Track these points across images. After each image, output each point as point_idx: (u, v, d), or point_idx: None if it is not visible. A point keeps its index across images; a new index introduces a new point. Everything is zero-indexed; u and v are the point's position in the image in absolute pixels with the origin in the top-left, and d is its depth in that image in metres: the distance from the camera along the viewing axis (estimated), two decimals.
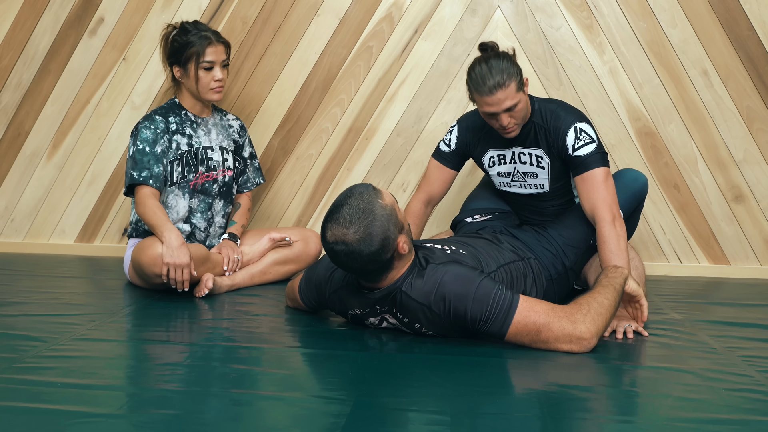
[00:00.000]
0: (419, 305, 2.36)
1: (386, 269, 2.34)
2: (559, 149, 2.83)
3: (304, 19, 3.73)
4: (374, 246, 2.25)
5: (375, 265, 2.31)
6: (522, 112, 2.79)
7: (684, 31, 3.55)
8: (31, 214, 3.94)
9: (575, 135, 2.79)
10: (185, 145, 3.21)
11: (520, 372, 2.18)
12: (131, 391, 1.98)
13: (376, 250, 2.26)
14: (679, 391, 2.01)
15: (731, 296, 3.22)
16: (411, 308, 2.38)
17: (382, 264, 2.31)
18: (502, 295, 2.30)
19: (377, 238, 2.25)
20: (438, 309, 2.34)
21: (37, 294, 3.00)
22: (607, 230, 2.69)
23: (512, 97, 2.72)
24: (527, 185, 2.98)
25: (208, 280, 3.01)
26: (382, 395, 1.97)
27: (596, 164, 2.77)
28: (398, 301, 2.39)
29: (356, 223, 2.26)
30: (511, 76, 2.71)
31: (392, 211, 2.31)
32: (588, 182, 2.77)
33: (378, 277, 2.36)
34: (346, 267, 2.34)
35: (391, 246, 2.29)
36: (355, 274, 2.40)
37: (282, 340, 2.49)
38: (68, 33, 3.83)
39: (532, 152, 2.91)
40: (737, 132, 3.57)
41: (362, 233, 2.25)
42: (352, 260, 2.28)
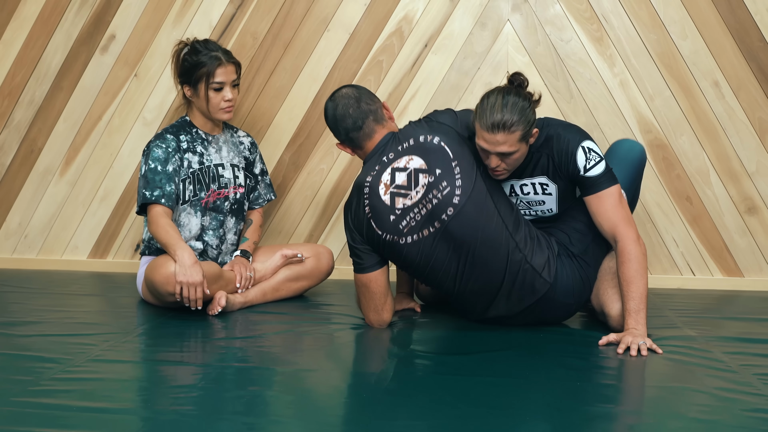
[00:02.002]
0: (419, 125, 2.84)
1: (380, 116, 2.84)
2: (570, 172, 2.77)
3: (315, 34, 3.74)
4: (362, 90, 2.85)
5: (368, 106, 2.82)
6: (516, 162, 2.71)
7: (695, 43, 3.55)
8: (44, 230, 3.96)
9: (585, 156, 2.74)
10: (196, 163, 3.22)
11: (533, 392, 2.18)
12: (145, 415, 1.98)
13: (366, 92, 2.85)
14: (694, 412, 2.00)
15: (745, 310, 3.21)
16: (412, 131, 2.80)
17: (375, 108, 2.83)
18: None
19: (363, 90, 2.87)
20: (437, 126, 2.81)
21: (52, 313, 3.01)
22: (632, 247, 2.67)
23: (512, 144, 2.63)
24: (533, 211, 2.93)
25: (221, 298, 3.01)
26: (398, 417, 1.97)
27: (609, 183, 2.74)
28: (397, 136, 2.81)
29: (345, 86, 2.90)
30: (521, 124, 2.61)
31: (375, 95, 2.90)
32: (605, 202, 2.74)
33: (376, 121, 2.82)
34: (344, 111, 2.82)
35: (377, 101, 2.85)
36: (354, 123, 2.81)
37: (296, 361, 2.49)
38: (80, 50, 3.85)
39: (534, 181, 2.85)
40: (749, 143, 3.56)
41: (349, 88, 2.88)
42: (348, 100, 2.82)
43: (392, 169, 2.73)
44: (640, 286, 2.64)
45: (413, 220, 2.68)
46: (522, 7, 3.64)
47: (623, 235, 2.69)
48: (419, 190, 2.68)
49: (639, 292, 2.63)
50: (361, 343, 2.61)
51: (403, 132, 2.83)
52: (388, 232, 2.70)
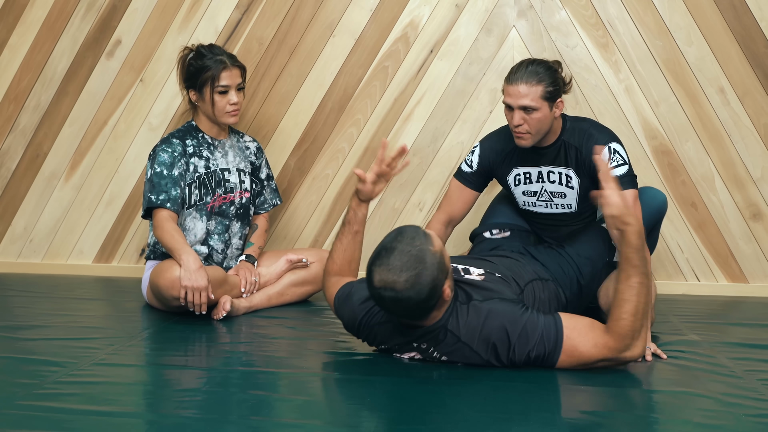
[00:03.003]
0: (463, 344, 2.35)
1: (430, 311, 2.31)
2: (592, 169, 2.79)
3: (320, 40, 3.75)
4: (423, 294, 2.21)
5: (420, 311, 2.29)
6: (538, 123, 2.79)
7: (700, 49, 3.55)
8: (49, 234, 3.97)
9: (609, 155, 2.79)
10: (202, 167, 3.22)
11: (540, 398, 2.17)
12: (150, 419, 1.99)
13: (425, 298, 2.22)
14: (699, 417, 2.00)
15: (750, 316, 3.20)
16: (452, 346, 2.36)
17: (427, 309, 2.29)
18: (543, 332, 2.31)
19: (427, 287, 2.21)
20: (481, 349, 2.34)
21: (57, 317, 3.02)
22: None
23: (533, 98, 2.74)
24: (554, 205, 2.98)
25: (226, 303, 3.02)
26: (403, 422, 1.97)
27: (627, 186, 2.75)
28: (440, 339, 2.37)
29: (407, 271, 2.20)
30: (543, 81, 2.76)
31: (441, 259, 2.26)
32: None
33: (421, 317, 2.34)
34: (390, 311, 2.33)
35: (438, 293, 2.26)
36: (397, 316, 2.38)
37: (300, 365, 2.49)
38: (86, 55, 3.86)
39: (561, 171, 2.91)
40: (754, 150, 3.56)
41: (413, 282, 2.20)
42: (398, 306, 2.26)
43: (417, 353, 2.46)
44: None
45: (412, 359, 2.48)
46: (527, 13, 3.64)
47: None
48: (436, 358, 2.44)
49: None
50: (365, 348, 2.61)
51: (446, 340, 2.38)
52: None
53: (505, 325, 2.31)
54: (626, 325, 2.28)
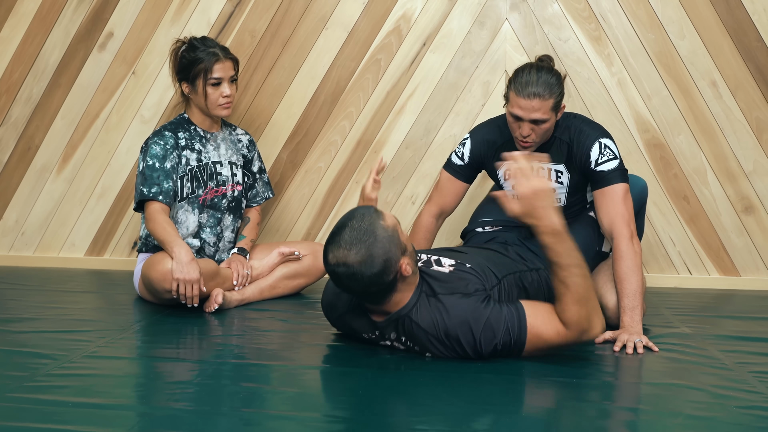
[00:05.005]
0: (426, 335, 2.36)
1: (389, 291, 2.33)
2: (582, 163, 2.85)
3: (313, 33, 3.74)
4: (376, 267, 2.24)
5: (377, 287, 2.29)
6: (545, 132, 2.81)
7: (692, 43, 3.55)
8: (41, 227, 3.96)
9: (599, 150, 2.82)
10: (195, 160, 3.22)
11: (528, 389, 2.18)
12: (142, 411, 1.98)
13: (378, 271, 2.24)
14: (689, 409, 2.00)
15: (742, 309, 3.21)
16: (419, 337, 2.38)
17: (384, 286, 2.30)
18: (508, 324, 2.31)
19: (379, 260, 2.24)
20: (446, 343, 2.35)
21: (48, 309, 3.01)
22: (625, 246, 2.71)
23: (545, 112, 2.74)
24: None
25: (218, 295, 3.01)
26: (393, 414, 1.97)
27: (617, 180, 2.79)
28: (406, 328, 2.39)
29: (357, 244, 2.24)
30: (554, 94, 2.74)
31: (394, 233, 2.29)
32: (608, 197, 2.79)
33: (382, 299, 2.35)
34: (348, 289, 2.34)
35: (393, 268, 2.27)
36: (359, 297, 2.40)
37: (292, 357, 2.49)
38: (78, 47, 3.84)
39: (551, 167, 2.92)
40: (747, 143, 3.56)
41: (363, 255, 2.24)
42: (353, 282, 2.27)
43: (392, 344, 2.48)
44: (633, 283, 2.66)
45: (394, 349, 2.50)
46: (520, 6, 3.64)
47: (618, 233, 2.74)
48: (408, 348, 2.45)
49: (632, 289, 2.66)
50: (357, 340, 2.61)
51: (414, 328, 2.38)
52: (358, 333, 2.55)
53: (468, 320, 2.31)
54: (573, 314, 2.28)
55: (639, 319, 2.63)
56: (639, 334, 2.56)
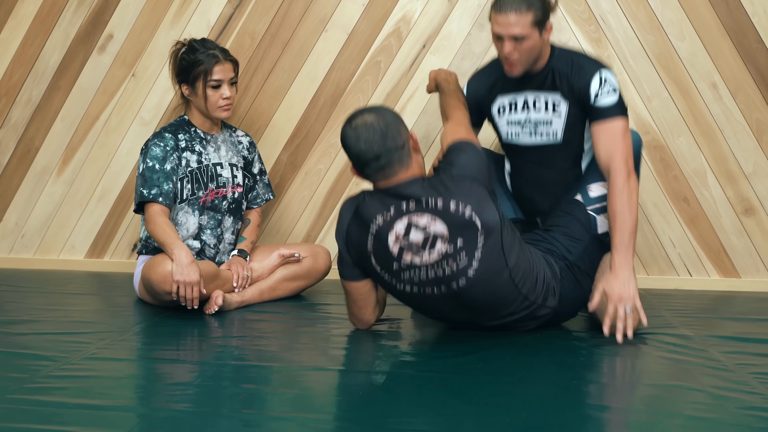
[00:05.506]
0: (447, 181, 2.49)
1: (405, 155, 2.50)
2: (581, 95, 2.81)
3: (313, 35, 3.74)
4: (389, 119, 2.49)
5: (394, 142, 2.47)
6: (529, 51, 2.78)
7: (692, 44, 3.55)
8: (41, 229, 3.95)
9: (600, 83, 2.78)
10: (195, 162, 3.22)
11: (529, 390, 2.18)
12: (142, 412, 1.98)
13: (392, 123, 2.48)
14: (690, 410, 2.00)
15: (742, 311, 3.21)
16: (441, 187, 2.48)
17: (401, 145, 2.48)
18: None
19: (390, 117, 2.50)
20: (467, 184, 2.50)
21: (48, 311, 3.01)
22: (622, 181, 2.68)
23: (523, 26, 2.71)
24: (538, 134, 2.95)
25: (218, 297, 3.01)
26: (393, 415, 1.96)
27: (617, 114, 2.76)
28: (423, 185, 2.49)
29: (371, 111, 2.52)
30: (531, 8, 2.71)
31: (401, 118, 2.55)
32: (607, 132, 2.75)
33: (400, 161, 2.49)
34: (368, 145, 2.46)
35: (404, 133, 2.51)
36: (376, 159, 2.48)
37: (292, 359, 2.49)
38: (78, 49, 3.85)
39: (548, 97, 2.89)
40: (747, 145, 3.56)
41: (375, 114, 2.50)
42: (372, 133, 2.46)
43: (410, 222, 2.47)
44: (628, 220, 2.64)
45: (417, 277, 2.51)
46: None
47: (616, 168, 2.70)
48: (434, 256, 2.47)
49: (628, 227, 2.63)
50: (357, 342, 2.61)
51: (433, 184, 2.50)
52: (387, 272, 2.55)
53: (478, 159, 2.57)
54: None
55: (630, 260, 2.61)
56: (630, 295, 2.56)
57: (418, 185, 2.49)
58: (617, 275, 2.61)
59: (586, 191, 2.84)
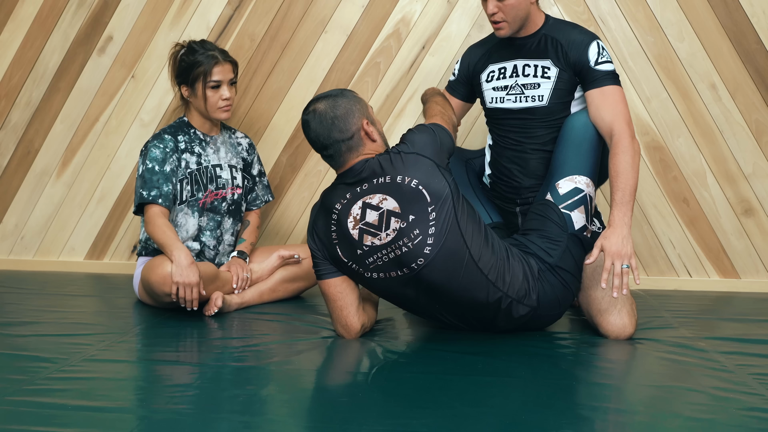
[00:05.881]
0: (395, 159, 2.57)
1: (354, 144, 2.58)
2: (577, 62, 2.86)
3: (312, 36, 3.75)
4: (339, 111, 2.56)
5: (341, 134, 2.56)
6: (513, 9, 2.83)
7: (692, 45, 3.55)
8: (41, 231, 3.96)
9: (598, 50, 2.84)
10: (194, 163, 3.22)
11: (528, 392, 2.18)
12: (141, 414, 1.98)
13: (341, 114, 2.56)
14: (689, 411, 2.00)
15: (742, 311, 3.21)
16: (388, 165, 2.56)
17: (348, 136, 2.57)
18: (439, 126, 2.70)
19: (342, 108, 2.57)
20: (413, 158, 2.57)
21: (48, 313, 3.01)
22: (626, 142, 2.71)
23: None
24: (524, 98, 2.96)
25: (218, 299, 3.01)
26: (393, 417, 1.96)
27: (615, 82, 2.83)
28: (372, 166, 2.57)
29: (327, 98, 2.61)
30: None
31: (362, 101, 2.64)
32: (609, 97, 2.80)
33: (348, 150, 2.58)
34: (316, 135, 2.59)
35: (356, 120, 2.58)
36: (324, 148, 2.60)
37: (292, 360, 2.48)
38: (77, 51, 3.85)
39: (538, 63, 2.93)
40: (746, 145, 3.57)
41: (330, 103, 2.58)
42: (319, 124, 2.57)
43: (364, 203, 2.54)
44: (630, 178, 2.66)
45: (380, 260, 2.54)
46: None
47: (620, 130, 2.74)
48: (390, 233, 2.51)
49: (628, 184, 2.66)
50: (356, 344, 2.61)
51: (380, 161, 2.58)
52: (353, 262, 2.58)
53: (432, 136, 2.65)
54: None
55: (629, 218, 2.62)
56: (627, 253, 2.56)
57: (368, 166, 2.58)
58: (615, 231, 2.60)
59: (555, 189, 2.80)
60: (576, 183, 2.78)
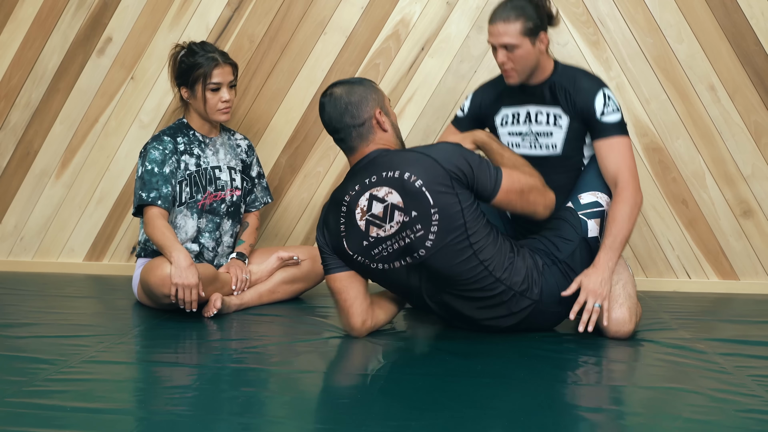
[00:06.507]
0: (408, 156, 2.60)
1: (365, 132, 2.63)
2: (584, 111, 2.88)
3: (311, 37, 3.75)
4: (353, 97, 2.62)
5: (352, 120, 2.61)
6: (522, 59, 2.85)
7: (691, 47, 3.56)
8: (40, 232, 3.96)
9: (603, 100, 2.86)
10: (193, 165, 3.22)
11: (527, 392, 2.18)
12: (140, 416, 1.98)
13: (355, 101, 2.61)
14: (688, 413, 2.00)
15: (740, 313, 3.21)
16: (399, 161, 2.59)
17: (360, 123, 2.61)
18: (488, 163, 2.62)
19: (357, 95, 2.62)
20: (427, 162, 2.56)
21: (47, 314, 3.01)
22: (628, 193, 2.76)
23: (513, 36, 2.81)
24: (539, 145, 3.00)
25: (217, 300, 3.01)
26: (392, 419, 1.96)
27: (621, 132, 2.85)
28: (383, 159, 2.60)
29: (345, 84, 2.67)
30: (521, 17, 2.82)
31: (379, 91, 2.69)
32: (615, 148, 2.83)
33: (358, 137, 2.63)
34: (329, 118, 2.64)
35: (369, 107, 2.63)
36: (336, 132, 2.66)
37: (291, 362, 2.49)
38: (77, 52, 3.85)
39: (549, 111, 2.95)
40: (745, 147, 3.57)
41: (346, 89, 2.64)
42: (333, 107, 2.62)
43: (371, 195, 2.58)
44: (623, 228, 2.71)
45: (385, 251, 2.59)
46: None
47: (624, 181, 2.78)
48: (393, 225, 2.55)
49: (621, 233, 2.71)
50: (356, 345, 2.61)
51: (393, 156, 2.61)
52: (359, 254, 2.62)
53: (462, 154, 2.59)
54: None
55: (614, 264, 2.67)
56: (602, 294, 2.61)
57: (379, 157, 2.62)
58: (597, 271, 2.65)
59: (577, 200, 2.88)
60: (597, 198, 2.86)
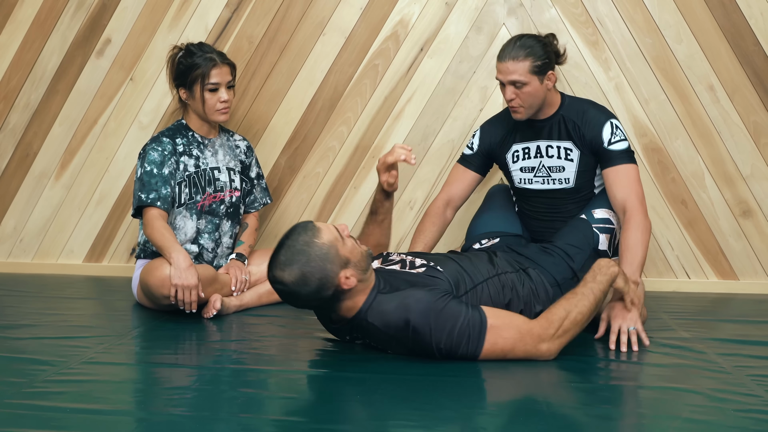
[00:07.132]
0: (385, 334, 2.39)
1: (335, 302, 2.39)
2: (593, 142, 2.94)
3: (310, 38, 3.75)
4: (311, 286, 2.31)
5: (318, 302, 2.38)
6: (530, 96, 2.89)
7: (690, 47, 3.56)
8: (39, 234, 3.95)
9: (611, 130, 2.93)
10: (192, 166, 3.22)
11: (525, 392, 2.18)
12: (140, 416, 1.98)
13: (314, 289, 2.32)
14: (688, 413, 2.00)
15: (740, 313, 3.21)
16: (379, 337, 2.42)
17: (325, 300, 2.37)
18: (469, 322, 2.32)
19: (313, 278, 2.30)
20: (403, 338, 2.36)
21: (46, 316, 3.01)
22: (638, 219, 2.80)
23: (521, 73, 2.85)
24: (551, 180, 3.04)
25: (216, 301, 3.01)
26: (391, 419, 1.97)
27: (629, 161, 2.92)
28: (365, 329, 2.43)
29: (291, 265, 2.31)
30: (530, 56, 2.86)
31: (330, 249, 2.32)
32: (623, 176, 2.89)
33: (330, 309, 2.45)
34: (292, 304, 2.43)
35: (331, 283, 2.32)
36: (306, 308, 2.47)
37: (290, 363, 2.49)
38: (76, 53, 3.85)
39: (560, 145, 2.99)
40: (744, 147, 3.57)
41: (296, 275, 2.31)
42: (293, 299, 2.38)
43: None
44: (638, 254, 2.75)
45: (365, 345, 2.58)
46: (517, 11, 3.64)
47: (633, 207, 2.83)
48: None
49: (636, 259, 2.74)
50: (356, 345, 2.61)
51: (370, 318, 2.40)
52: None
53: (423, 309, 2.32)
54: (558, 313, 2.38)
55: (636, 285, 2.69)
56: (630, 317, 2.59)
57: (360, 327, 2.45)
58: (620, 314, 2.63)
59: (591, 214, 2.96)
60: (609, 215, 2.94)
